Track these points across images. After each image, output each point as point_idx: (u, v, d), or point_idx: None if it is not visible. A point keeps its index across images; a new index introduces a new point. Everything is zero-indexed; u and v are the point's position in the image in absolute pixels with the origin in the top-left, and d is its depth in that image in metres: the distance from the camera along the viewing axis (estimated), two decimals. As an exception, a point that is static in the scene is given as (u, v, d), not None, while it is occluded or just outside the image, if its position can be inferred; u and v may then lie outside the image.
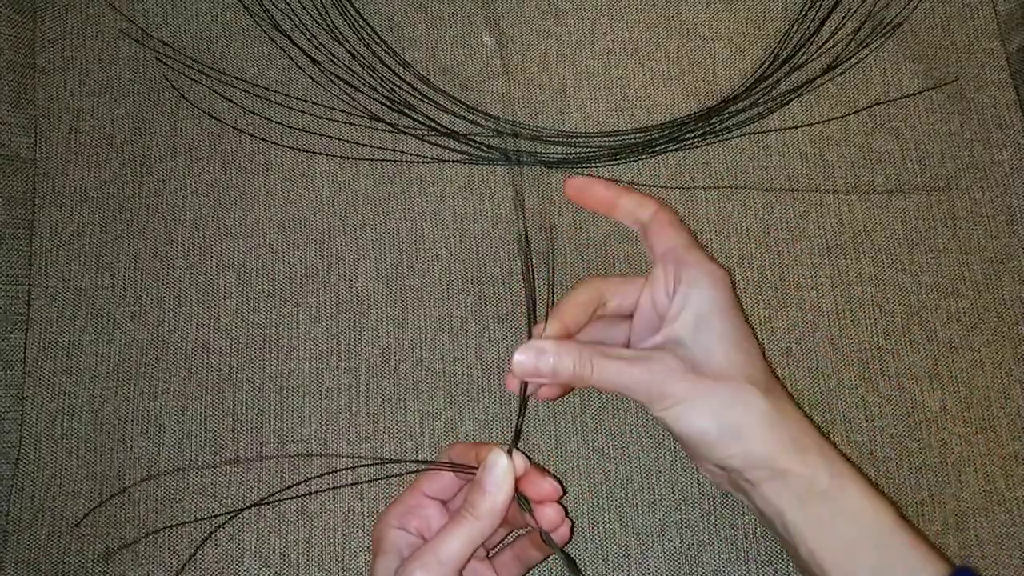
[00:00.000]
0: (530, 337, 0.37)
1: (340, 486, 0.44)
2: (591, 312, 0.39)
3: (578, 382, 0.36)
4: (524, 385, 0.38)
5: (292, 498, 0.44)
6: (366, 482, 0.44)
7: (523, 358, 0.36)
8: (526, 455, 0.37)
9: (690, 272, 0.38)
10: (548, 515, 0.37)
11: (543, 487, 0.37)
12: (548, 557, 0.41)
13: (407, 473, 0.38)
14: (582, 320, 0.39)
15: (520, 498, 0.37)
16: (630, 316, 0.41)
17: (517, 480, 0.36)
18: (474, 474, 0.36)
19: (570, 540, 0.41)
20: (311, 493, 0.44)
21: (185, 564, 0.44)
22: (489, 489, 0.35)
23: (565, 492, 0.42)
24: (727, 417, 0.35)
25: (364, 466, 0.44)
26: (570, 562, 0.39)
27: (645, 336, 0.39)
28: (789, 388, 0.46)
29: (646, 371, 0.36)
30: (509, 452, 0.36)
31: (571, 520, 0.41)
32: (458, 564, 0.34)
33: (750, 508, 0.38)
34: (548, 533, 0.37)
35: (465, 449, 0.38)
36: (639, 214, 0.41)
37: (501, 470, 0.35)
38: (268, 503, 0.44)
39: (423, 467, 0.39)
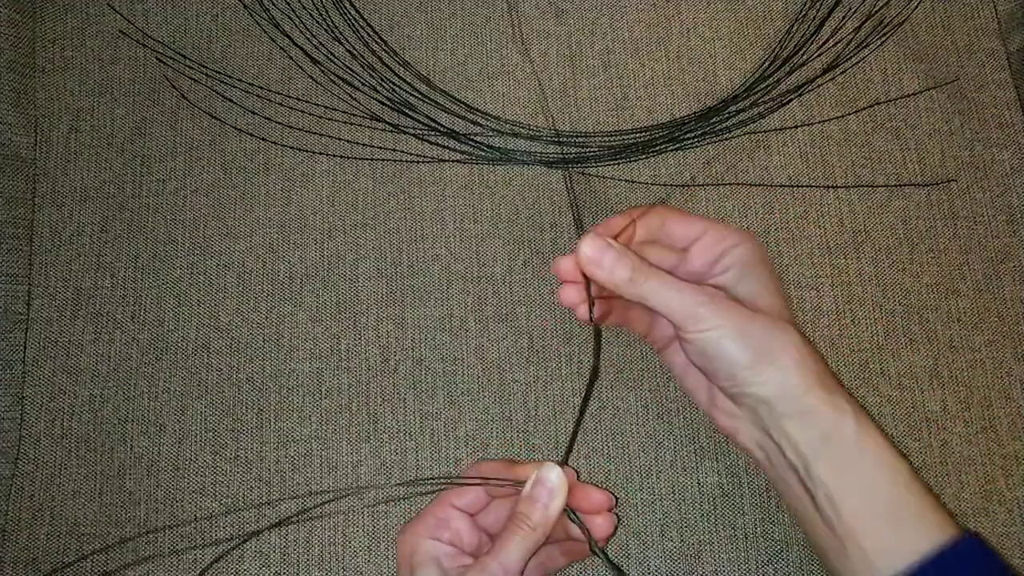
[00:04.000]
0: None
1: (374, 504, 0.44)
2: (651, 235, 0.42)
3: (626, 288, 0.37)
4: (585, 400, 0.40)
5: (320, 517, 0.45)
6: (394, 500, 0.44)
7: (589, 249, 0.37)
8: (575, 470, 0.39)
9: (730, 235, 0.40)
10: (600, 525, 0.39)
11: (595, 497, 0.39)
12: (568, 565, 0.41)
13: (439, 490, 0.39)
14: (643, 237, 0.42)
15: (567, 510, 0.38)
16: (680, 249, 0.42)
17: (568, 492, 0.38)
18: (514, 489, 0.38)
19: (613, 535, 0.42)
20: (342, 512, 0.44)
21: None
22: (543, 500, 0.36)
23: (617, 502, 0.43)
24: (764, 345, 0.36)
25: (398, 486, 0.44)
26: (619, 572, 0.40)
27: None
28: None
29: (694, 292, 0.37)
30: (560, 466, 0.38)
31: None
32: (518, 572, 0.36)
33: (761, 463, 0.38)
34: (597, 543, 0.39)
35: (499, 467, 0.39)
36: (648, 225, 0.42)
37: (555, 482, 0.37)
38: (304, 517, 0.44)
39: (464, 483, 0.39)
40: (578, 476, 0.42)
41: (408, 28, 0.52)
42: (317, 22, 0.52)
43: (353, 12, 0.52)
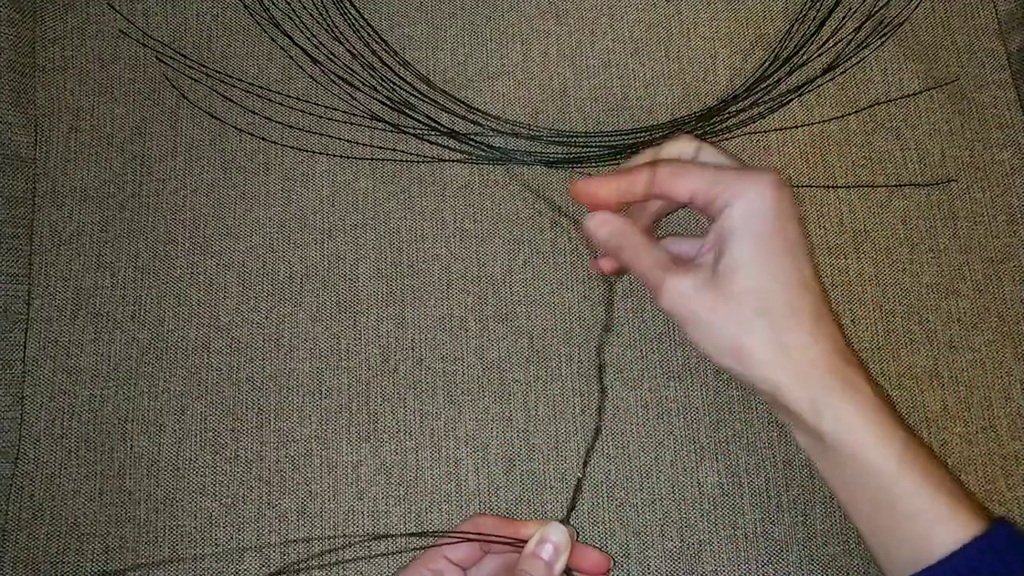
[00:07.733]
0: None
1: (377, 555, 0.44)
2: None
3: (616, 254, 0.38)
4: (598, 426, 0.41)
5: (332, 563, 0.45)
6: (400, 552, 0.44)
7: (592, 223, 0.39)
8: (575, 528, 0.40)
9: (723, 189, 0.35)
10: None
11: (594, 558, 0.39)
12: None
13: (445, 544, 0.39)
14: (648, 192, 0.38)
15: (567, 571, 0.38)
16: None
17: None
18: (511, 546, 0.38)
19: None
20: (352, 560, 0.44)
21: None
22: (547, 558, 0.37)
23: (614, 563, 0.44)
24: (724, 342, 0.35)
25: (404, 537, 0.44)
26: None
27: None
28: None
29: (663, 274, 0.36)
30: (563, 523, 0.38)
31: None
32: None
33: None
34: None
35: (497, 522, 0.39)
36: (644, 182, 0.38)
37: (559, 541, 0.37)
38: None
39: (470, 539, 0.39)
40: (577, 535, 0.42)
41: (408, 28, 0.52)
42: (317, 22, 0.52)
43: (353, 12, 0.52)
